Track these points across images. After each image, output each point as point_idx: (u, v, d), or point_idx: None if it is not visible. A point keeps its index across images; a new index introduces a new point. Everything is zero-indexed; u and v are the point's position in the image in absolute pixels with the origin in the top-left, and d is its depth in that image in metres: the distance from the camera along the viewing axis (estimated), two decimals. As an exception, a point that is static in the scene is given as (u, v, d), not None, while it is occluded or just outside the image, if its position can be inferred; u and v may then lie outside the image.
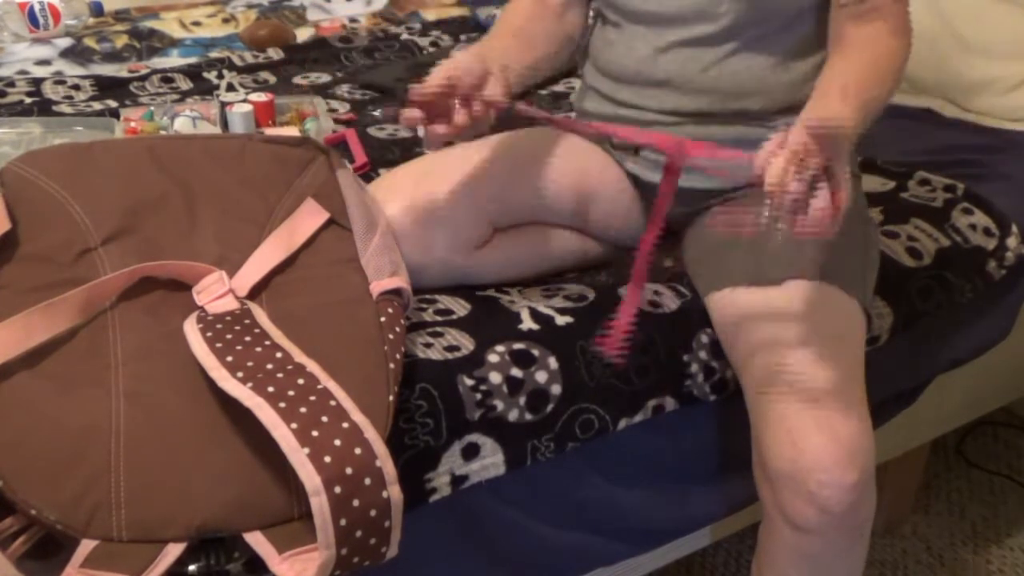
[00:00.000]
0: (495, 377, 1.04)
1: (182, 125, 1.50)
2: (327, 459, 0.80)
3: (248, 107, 1.53)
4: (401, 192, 1.12)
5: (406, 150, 1.52)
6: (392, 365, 0.94)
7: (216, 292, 0.97)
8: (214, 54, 2.00)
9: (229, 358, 0.88)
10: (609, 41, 1.22)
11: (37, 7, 1.98)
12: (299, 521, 0.85)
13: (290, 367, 0.88)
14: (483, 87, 1.02)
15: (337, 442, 0.81)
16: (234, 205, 1.04)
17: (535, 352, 1.07)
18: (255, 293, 1.00)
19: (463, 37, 2.11)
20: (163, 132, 1.50)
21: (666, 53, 1.16)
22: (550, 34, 1.23)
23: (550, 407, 1.06)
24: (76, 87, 1.77)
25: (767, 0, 1.10)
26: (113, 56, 1.98)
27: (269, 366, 0.88)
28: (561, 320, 1.11)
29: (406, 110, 0.98)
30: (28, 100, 1.70)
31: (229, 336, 0.91)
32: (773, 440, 1.02)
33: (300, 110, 1.61)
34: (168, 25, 2.11)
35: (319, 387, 0.86)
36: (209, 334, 0.91)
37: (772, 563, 1.09)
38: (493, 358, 1.05)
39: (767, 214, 0.86)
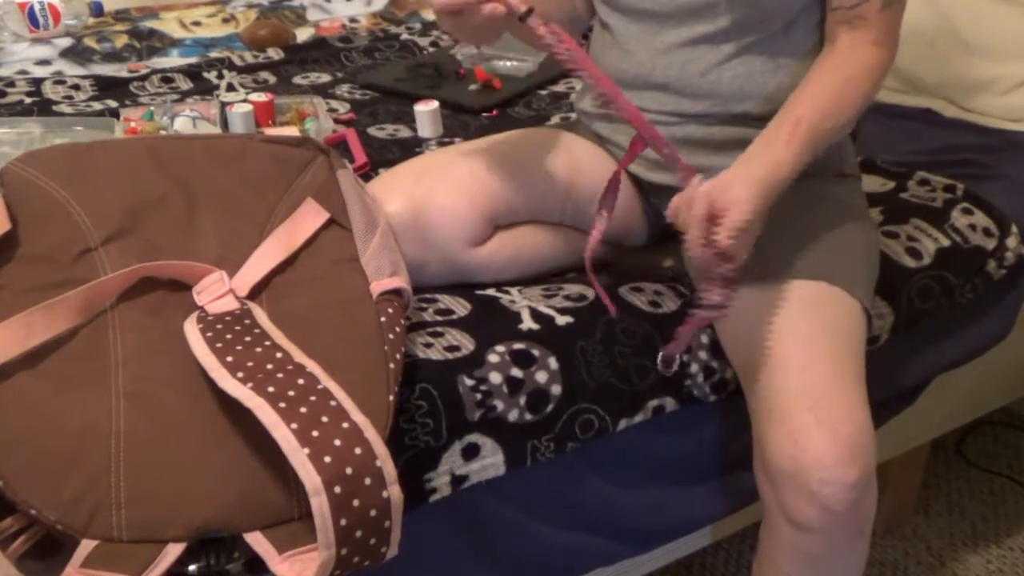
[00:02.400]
0: (495, 377, 1.04)
1: (182, 125, 1.50)
2: (327, 459, 0.80)
3: (248, 107, 1.53)
4: (401, 190, 1.12)
5: (406, 150, 1.52)
6: (392, 365, 0.94)
7: (216, 292, 0.97)
8: (214, 54, 2.00)
9: (229, 358, 0.88)
10: (607, 45, 1.22)
11: (37, 7, 1.98)
12: (299, 521, 0.85)
13: (290, 367, 0.88)
14: None
15: (337, 442, 0.81)
16: (234, 205, 1.04)
17: (535, 352, 1.07)
18: (255, 293, 1.00)
19: (463, 37, 2.11)
20: (163, 132, 1.50)
21: (664, 56, 1.16)
22: (563, 2, 1.24)
23: (550, 407, 1.06)
24: (76, 87, 1.77)
25: (763, 1, 1.10)
26: (113, 56, 1.98)
27: (269, 366, 0.88)
28: (561, 320, 1.11)
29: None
30: (28, 100, 1.70)
31: (229, 336, 0.91)
32: (774, 439, 1.02)
33: (300, 110, 1.62)
34: (168, 25, 2.12)
35: (319, 387, 0.86)
36: (209, 334, 0.91)
37: (773, 562, 1.09)
38: (493, 358, 1.05)
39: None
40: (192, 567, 0.86)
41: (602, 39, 1.23)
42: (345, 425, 0.83)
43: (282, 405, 0.83)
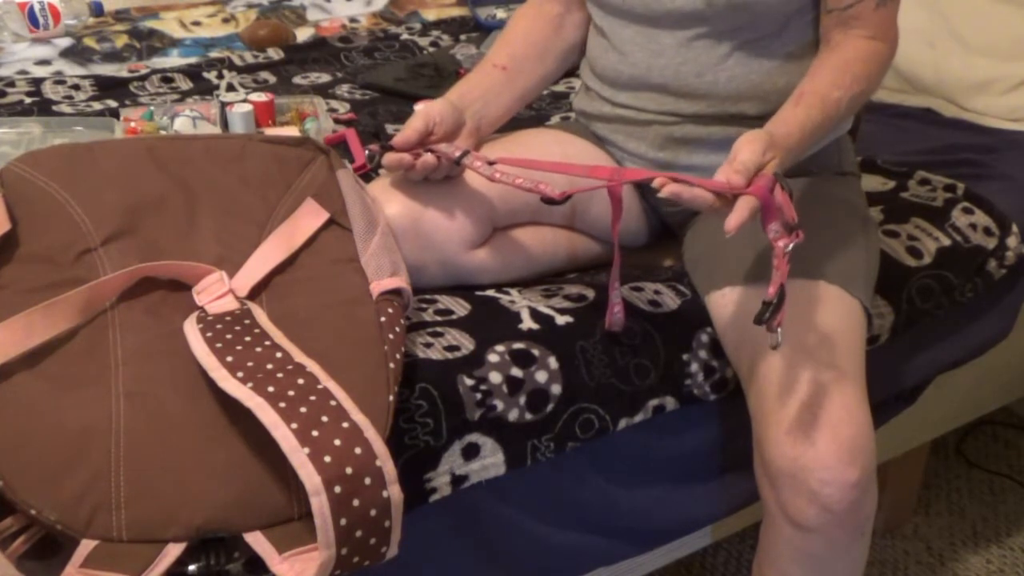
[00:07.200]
0: (495, 377, 1.04)
1: (182, 125, 1.50)
2: (327, 459, 0.80)
3: (248, 107, 1.53)
4: (400, 192, 1.12)
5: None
6: (392, 365, 0.94)
7: (216, 292, 0.97)
8: (214, 54, 2.00)
9: (229, 358, 0.88)
10: (603, 48, 1.22)
11: (37, 7, 1.98)
12: (299, 521, 0.85)
13: (290, 367, 0.88)
14: (455, 137, 1.15)
15: (337, 442, 0.81)
16: (234, 205, 1.04)
17: (535, 352, 1.07)
18: (255, 293, 1.00)
19: (463, 37, 2.12)
20: (163, 132, 1.50)
21: (659, 58, 1.16)
22: (546, 52, 1.26)
23: (550, 407, 1.06)
24: (76, 87, 1.77)
25: (753, 4, 1.10)
26: (113, 56, 1.98)
27: (269, 366, 0.88)
28: (561, 320, 1.11)
29: (390, 155, 1.09)
30: (28, 100, 1.70)
31: (229, 336, 0.91)
32: (774, 439, 1.02)
33: (300, 110, 1.61)
34: (168, 25, 2.11)
35: (319, 387, 0.86)
36: (209, 334, 0.91)
37: (773, 562, 1.09)
38: (493, 358, 1.05)
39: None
40: (192, 567, 0.86)
41: (598, 42, 1.23)
42: (345, 425, 0.83)
43: (282, 405, 0.83)
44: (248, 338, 0.91)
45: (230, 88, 1.78)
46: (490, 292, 1.16)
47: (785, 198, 0.94)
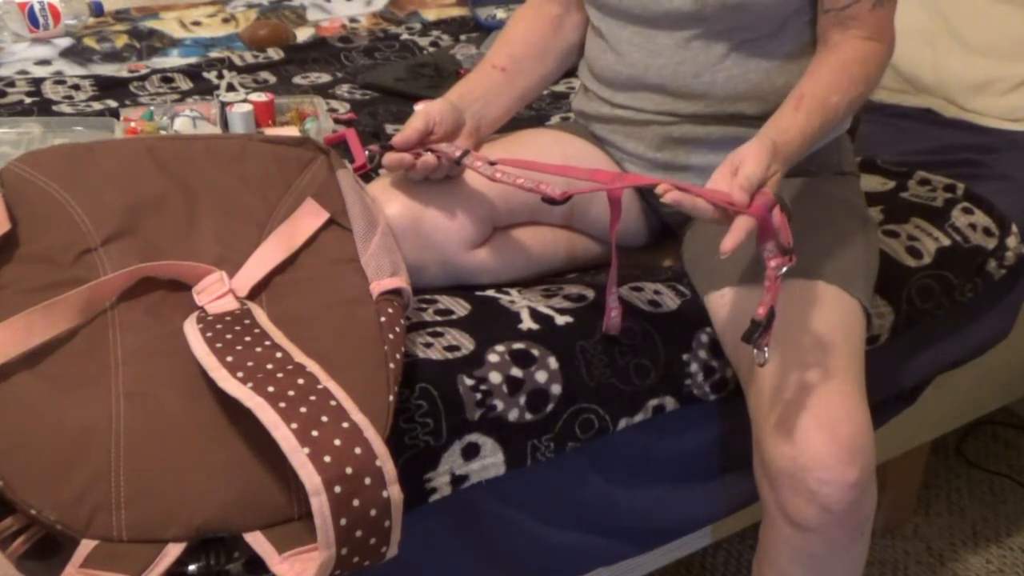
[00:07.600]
0: (495, 377, 1.04)
1: (182, 125, 1.50)
2: (327, 459, 0.80)
3: (248, 107, 1.53)
4: (400, 192, 1.12)
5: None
6: (392, 365, 0.94)
7: (216, 292, 0.97)
8: (214, 54, 2.00)
9: (229, 358, 0.88)
10: (601, 49, 1.22)
11: (37, 7, 1.98)
12: (299, 521, 0.86)
13: (290, 367, 0.88)
14: (454, 137, 1.15)
15: (337, 442, 0.81)
16: (234, 205, 1.04)
17: (535, 352, 1.07)
18: (255, 293, 1.00)
19: (463, 37, 2.12)
20: (163, 132, 1.50)
21: (657, 58, 1.16)
22: (545, 53, 1.26)
23: (550, 407, 1.06)
24: (76, 87, 1.77)
25: (750, 5, 1.10)
26: (113, 56, 1.98)
27: (269, 366, 0.88)
28: (561, 320, 1.11)
29: (390, 154, 1.09)
30: (28, 100, 1.70)
31: (229, 336, 0.91)
32: (773, 439, 1.02)
33: (300, 110, 1.61)
34: (168, 25, 2.11)
35: (319, 387, 0.86)
36: (209, 334, 0.91)
37: (773, 562, 1.09)
38: (493, 358, 1.05)
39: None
40: (192, 567, 0.86)
41: (596, 43, 1.23)
42: (345, 425, 0.83)
43: (282, 405, 0.83)
44: (248, 338, 0.91)
45: (230, 88, 1.78)
46: (490, 292, 1.16)
47: (783, 220, 0.94)
